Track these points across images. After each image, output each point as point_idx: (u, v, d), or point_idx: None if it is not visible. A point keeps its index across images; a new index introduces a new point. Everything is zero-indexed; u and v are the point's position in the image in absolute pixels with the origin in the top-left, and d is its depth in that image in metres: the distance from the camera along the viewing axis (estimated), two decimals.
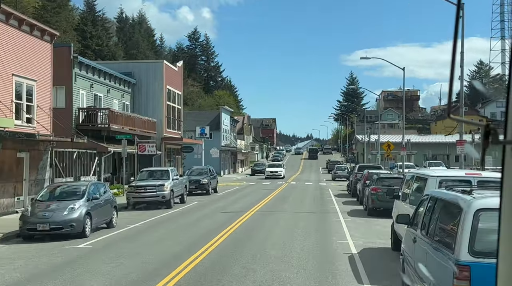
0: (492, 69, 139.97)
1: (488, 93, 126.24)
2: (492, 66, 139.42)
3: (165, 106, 46.31)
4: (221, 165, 74.11)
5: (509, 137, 1.62)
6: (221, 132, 74.07)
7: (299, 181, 60.06)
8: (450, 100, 1.94)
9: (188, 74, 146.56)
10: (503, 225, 1.68)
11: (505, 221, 1.67)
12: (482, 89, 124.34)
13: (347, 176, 60.98)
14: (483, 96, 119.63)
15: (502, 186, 1.67)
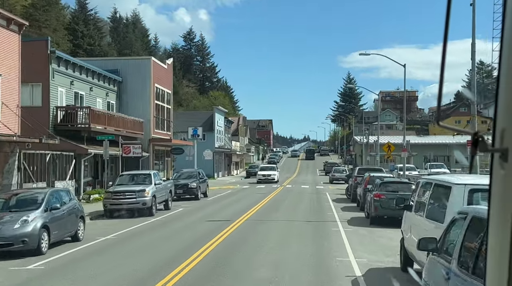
0: (495, 70, 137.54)
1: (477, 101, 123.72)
2: (495, 67, 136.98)
3: (153, 106, 43.61)
4: (215, 167, 71.42)
5: (497, 145, 1.59)
6: (214, 134, 71.37)
7: (295, 183, 57.38)
8: (439, 107, 1.94)
9: (183, 75, 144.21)
10: (491, 234, 1.68)
11: (493, 230, 1.66)
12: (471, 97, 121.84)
13: (345, 178, 58.31)
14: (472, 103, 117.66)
15: (490, 193, 1.68)
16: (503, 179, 1.58)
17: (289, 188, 49.49)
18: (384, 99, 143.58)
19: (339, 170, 60.41)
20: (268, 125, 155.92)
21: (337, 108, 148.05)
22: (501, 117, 1.60)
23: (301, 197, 37.91)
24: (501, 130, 1.59)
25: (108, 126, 35.86)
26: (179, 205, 31.52)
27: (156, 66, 44.66)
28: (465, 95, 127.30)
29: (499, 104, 1.61)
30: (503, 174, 1.58)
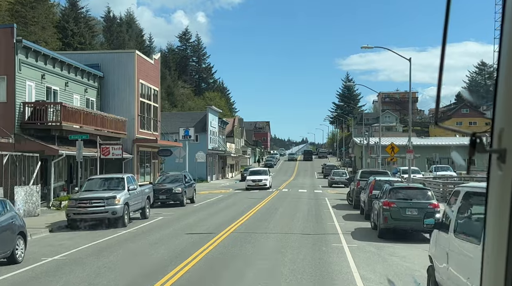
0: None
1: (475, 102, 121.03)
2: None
3: (137, 104, 39.95)
4: (208, 169, 67.79)
5: (495, 146, 1.60)
6: (208, 135, 67.74)
7: (293, 187, 53.74)
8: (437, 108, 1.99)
9: (178, 76, 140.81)
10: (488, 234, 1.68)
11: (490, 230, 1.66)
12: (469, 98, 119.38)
13: (345, 182, 54.71)
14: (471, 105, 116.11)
15: (487, 194, 1.68)
16: (501, 179, 1.57)
17: (285, 192, 45.86)
18: (383, 100, 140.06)
19: (338, 173, 56.76)
20: (265, 127, 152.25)
21: (336, 110, 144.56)
22: (499, 118, 1.60)
23: (298, 203, 34.26)
24: (499, 131, 1.58)
25: (85, 125, 32.24)
26: (160, 212, 27.87)
27: (141, 61, 41.02)
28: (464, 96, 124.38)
29: (497, 105, 1.61)
30: (501, 174, 1.57)
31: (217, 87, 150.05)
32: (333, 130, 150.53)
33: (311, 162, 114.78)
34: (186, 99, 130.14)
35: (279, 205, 32.41)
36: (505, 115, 1.57)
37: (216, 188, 52.38)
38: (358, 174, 31.59)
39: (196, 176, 66.35)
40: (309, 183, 63.84)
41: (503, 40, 1.59)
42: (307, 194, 43.77)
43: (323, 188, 53.89)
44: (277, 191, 47.50)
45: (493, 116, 1.62)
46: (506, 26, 1.57)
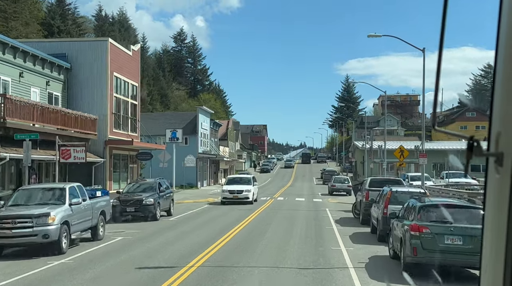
0: None
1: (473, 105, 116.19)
2: None
3: (111, 100, 34.43)
4: (198, 175, 62.21)
5: (492, 149, 1.60)
6: (198, 137, 62.20)
7: (289, 195, 48.20)
8: (435, 111, 2.01)
9: (173, 77, 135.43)
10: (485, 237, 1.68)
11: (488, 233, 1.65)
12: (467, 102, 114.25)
13: (347, 189, 49.18)
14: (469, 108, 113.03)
15: (485, 197, 1.69)
16: (498, 183, 1.56)
17: (280, 202, 40.32)
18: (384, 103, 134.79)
19: (340, 180, 51.13)
20: (262, 130, 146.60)
21: (335, 113, 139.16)
22: (496, 121, 1.61)
23: (294, 216, 28.65)
24: (496, 134, 1.58)
25: (41, 123, 26.72)
26: (123, 230, 22.27)
27: (115, 51, 35.51)
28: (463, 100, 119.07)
29: (494, 109, 1.62)
30: (498, 178, 1.56)
31: (213, 90, 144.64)
32: (332, 134, 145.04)
33: (310, 166, 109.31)
34: (180, 101, 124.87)
35: (271, 220, 26.81)
36: (502, 119, 1.56)
37: (204, 196, 46.81)
38: (367, 183, 25.95)
39: (185, 182, 60.89)
40: (307, 190, 58.32)
41: (499, 45, 1.58)
42: (305, 204, 38.24)
43: (323, 196, 48.38)
44: (271, 200, 41.93)
45: (490, 120, 1.62)
46: (502, 32, 1.56)
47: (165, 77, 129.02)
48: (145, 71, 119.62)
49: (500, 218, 1.54)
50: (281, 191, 55.16)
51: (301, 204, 37.83)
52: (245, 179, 40.34)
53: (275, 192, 53.63)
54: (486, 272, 1.65)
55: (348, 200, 42.45)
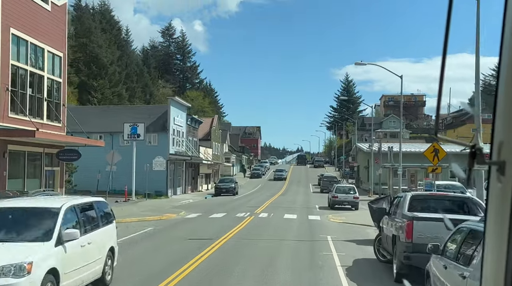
0: None
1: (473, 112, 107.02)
2: None
3: (3, 68, 22.39)
4: (169, 181, 50.09)
5: (494, 158, 1.56)
6: (169, 135, 50.10)
7: (277, 208, 36.14)
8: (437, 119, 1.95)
9: (160, 74, 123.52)
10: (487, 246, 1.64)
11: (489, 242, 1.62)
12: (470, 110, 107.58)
13: (353, 202, 37.11)
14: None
15: (487, 206, 1.65)
16: (500, 192, 1.53)
17: (261, 221, 28.18)
18: (387, 104, 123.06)
19: (343, 189, 38.71)
20: (255, 132, 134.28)
21: (334, 115, 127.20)
22: (498, 130, 1.58)
23: (273, 259, 16.32)
24: (499, 143, 1.56)
25: None
26: None
27: (16, 0, 23.45)
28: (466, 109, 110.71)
29: (496, 117, 1.59)
30: (500, 186, 1.53)
31: (203, 88, 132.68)
32: (330, 137, 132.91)
33: (306, 171, 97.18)
34: (165, 100, 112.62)
35: (231, 268, 14.58)
36: (504, 128, 1.54)
37: (165, 209, 34.58)
38: (405, 203, 13.63)
39: (154, 189, 48.86)
40: (302, 200, 46.23)
41: (502, 53, 1.55)
42: (296, 226, 26.10)
43: (322, 210, 36.34)
44: (250, 217, 29.74)
45: (493, 129, 1.59)
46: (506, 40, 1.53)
47: (150, 74, 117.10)
48: (128, 67, 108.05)
49: (502, 226, 1.50)
50: (268, 202, 43.04)
51: (291, 226, 25.72)
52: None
53: (261, 203, 41.55)
54: (488, 280, 1.61)
55: (356, 217, 30.35)
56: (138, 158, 46.93)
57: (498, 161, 1.53)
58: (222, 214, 31.17)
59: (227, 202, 43.43)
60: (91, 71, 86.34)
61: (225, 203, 42.71)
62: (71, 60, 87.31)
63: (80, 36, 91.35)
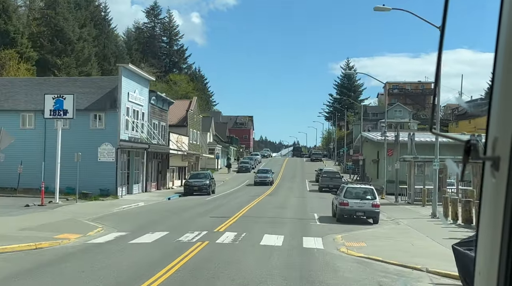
0: None
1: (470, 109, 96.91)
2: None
3: None
4: (120, 176, 36.91)
5: (489, 153, 1.54)
6: (119, 115, 36.89)
7: (257, 221, 23.16)
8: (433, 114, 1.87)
9: (144, 58, 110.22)
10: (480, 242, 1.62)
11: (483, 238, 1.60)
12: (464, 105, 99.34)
13: (372, 212, 23.96)
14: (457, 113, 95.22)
15: (480, 202, 1.63)
16: (494, 187, 1.51)
17: (217, 253, 14.93)
18: (391, 92, 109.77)
19: (357, 193, 24.40)
20: (247, 122, 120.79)
21: (333, 103, 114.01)
22: (493, 126, 1.56)
23: None
24: (493, 139, 1.54)
25: None
26: None
27: None
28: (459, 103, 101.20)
29: (491, 113, 1.58)
30: (494, 182, 1.51)
31: (191, 74, 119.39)
32: (329, 129, 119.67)
33: (302, 165, 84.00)
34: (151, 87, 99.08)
35: None
36: (499, 124, 1.51)
37: (74, 224, 21.29)
38: None
39: (98, 186, 35.84)
40: (295, 206, 33.11)
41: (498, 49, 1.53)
42: (278, 271, 12.87)
43: (324, 223, 23.28)
44: (199, 245, 16.49)
45: (488, 125, 1.58)
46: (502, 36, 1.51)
47: (131, 56, 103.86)
48: (106, 47, 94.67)
49: (496, 222, 1.48)
50: (247, 208, 29.88)
51: (268, 273, 12.54)
52: None
53: (237, 209, 28.44)
54: (480, 275, 1.60)
55: (387, 244, 17.30)
56: (80, 144, 34.10)
57: (493, 156, 1.50)
58: (158, 235, 18.09)
59: (190, 207, 30.41)
60: (54, 47, 73.04)
61: (187, 208, 29.70)
62: (34, 34, 74.13)
63: (47, 7, 78.07)
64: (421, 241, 18.36)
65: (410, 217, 26.84)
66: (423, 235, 19.64)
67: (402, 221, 24.69)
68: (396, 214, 27.95)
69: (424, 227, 22.03)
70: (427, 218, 26.27)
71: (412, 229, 21.76)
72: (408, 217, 26.60)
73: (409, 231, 21.10)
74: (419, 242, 17.92)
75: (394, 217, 26.66)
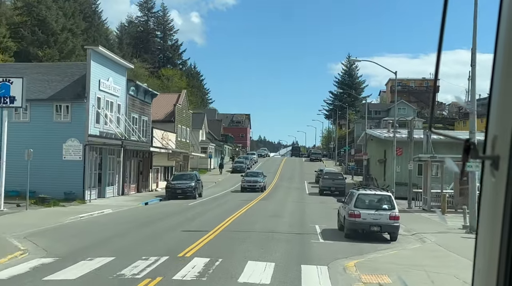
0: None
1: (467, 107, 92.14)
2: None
3: None
4: (89, 177, 31.31)
5: (488, 152, 1.53)
6: (88, 106, 31.32)
7: (244, 239, 17.74)
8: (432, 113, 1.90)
9: (137, 53, 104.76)
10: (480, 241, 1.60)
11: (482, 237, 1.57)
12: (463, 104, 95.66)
13: (391, 227, 18.33)
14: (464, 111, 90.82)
15: (480, 201, 1.60)
16: (494, 186, 1.49)
17: None
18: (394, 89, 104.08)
19: (371, 202, 18.77)
20: (244, 121, 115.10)
21: (333, 101, 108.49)
22: (492, 125, 1.55)
23: None
24: (493, 138, 1.52)
25: None
26: None
27: None
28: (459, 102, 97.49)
29: (491, 112, 1.56)
30: (494, 181, 1.49)
31: (186, 71, 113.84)
32: (329, 127, 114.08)
33: (301, 165, 78.56)
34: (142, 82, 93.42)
35: None
36: (498, 123, 1.50)
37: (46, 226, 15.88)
38: None
39: (63, 189, 30.35)
40: (292, 215, 27.56)
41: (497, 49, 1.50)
42: None
43: (328, 240, 17.74)
44: (146, 282, 11.04)
45: (487, 124, 1.56)
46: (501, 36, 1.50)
47: (122, 50, 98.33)
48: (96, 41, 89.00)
49: (495, 221, 1.46)
50: (235, 216, 24.36)
51: None
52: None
53: (220, 219, 22.88)
54: (480, 274, 1.57)
55: (416, 282, 11.60)
56: (41, 140, 28.80)
57: (492, 155, 1.48)
58: (96, 265, 12.54)
59: (166, 215, 24.91)
60: (36, 37, 67.51)
61: (161, 216, 24.22)
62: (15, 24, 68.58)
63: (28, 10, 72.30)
64: (469, 272, 12.78)
65: (435, 230, 21.33)
66: (467, 261, 14.10)
67: (428, 237, 19.18)
68: (416, 226, 22.45)
69: (461, 247, 16.46)
70: (458, 231, 20.76)
71: (447, 250, 16.24)
72: (432, 230, 21.09)
73: (444, 254, 15.58)
74: (466, 275, 12.37)
75: (415, 229, 21.17)
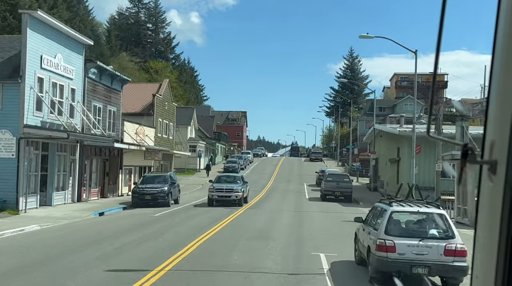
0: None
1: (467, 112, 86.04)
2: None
3: None
4: (25, 179, 23.80)
5: (486, 157, 1.52)
6: (23, 87, 23.86)
7: None
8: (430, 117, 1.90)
9: (126, 46, 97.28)
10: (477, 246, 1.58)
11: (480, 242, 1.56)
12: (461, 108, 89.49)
13: (448, 269, 10.86)
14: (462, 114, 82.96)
15: (478, 205, 1.58)
16: (491, 191, 1.47)
17: None
18: (400, 85, 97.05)
19: (414, 224, 12.02)
20: (240, 118, 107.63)
21: (335, 98, 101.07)
22: (490, 129, 1.53)
23: None
24: (490, 142, 1.50)
25: None
26: None
27: None
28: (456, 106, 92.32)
29: (489, 117, 1.54)
30: (491, 186, 1.47)
31: (179, 66, 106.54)
32: (330, 125, 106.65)
33: (300, 166, 71.24)
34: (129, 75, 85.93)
35: None
36: (496, 128, 1.48)
37: None
38: None
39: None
40: (285, 234, 20.15)
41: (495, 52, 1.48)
42: None
43: None
44: None
45: (485, 128, 1.54)
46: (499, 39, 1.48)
47: (109, 43, 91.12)
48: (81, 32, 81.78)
49: (493, 226, 1.44)
50: (205, 237, 16.93)
51: None
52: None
53: (185, 242, 15.49)
54: (478, 279, 1.55)
55: None
56: None
57: (490, 160, 1.47)
58: None
59: (113, 235, 17.54)
60: (7, 23, 60.25)
61: (106, 237, 16.88)
62: None
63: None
64: None
65: None
66: None
67: None
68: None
69: None
70: None
71: None
72: None
73: None
74: None
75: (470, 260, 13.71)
